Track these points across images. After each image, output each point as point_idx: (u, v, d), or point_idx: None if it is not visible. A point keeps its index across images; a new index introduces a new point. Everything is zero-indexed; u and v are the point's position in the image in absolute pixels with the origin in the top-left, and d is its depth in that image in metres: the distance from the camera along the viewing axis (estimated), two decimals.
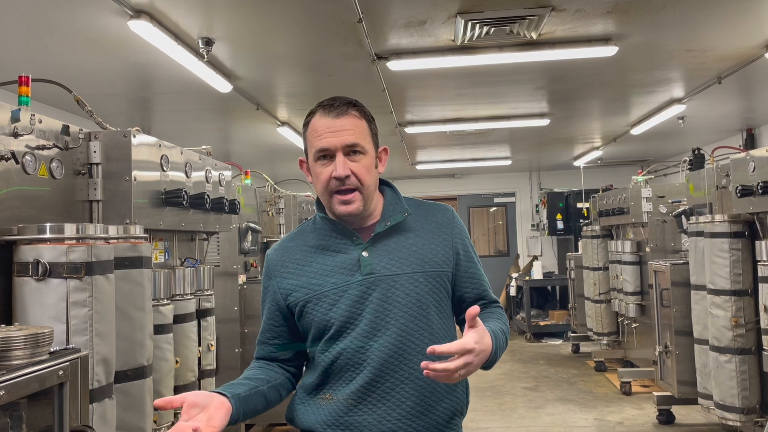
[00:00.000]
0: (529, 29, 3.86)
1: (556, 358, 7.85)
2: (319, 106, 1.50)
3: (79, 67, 4.35)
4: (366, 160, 1.47)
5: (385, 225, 1.51)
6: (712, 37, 4.23)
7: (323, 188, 1.48)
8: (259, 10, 3.53)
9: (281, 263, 1.55)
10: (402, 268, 1.47)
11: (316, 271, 1.50)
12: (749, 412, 3.74)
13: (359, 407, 1.44)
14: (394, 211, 1.54)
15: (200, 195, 2.74)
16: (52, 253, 1.79)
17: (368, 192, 1.48)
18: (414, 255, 1.50)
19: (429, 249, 1.51)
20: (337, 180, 1.44)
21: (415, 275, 1.47)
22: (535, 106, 6.17)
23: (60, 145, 2.10)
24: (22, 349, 1.51)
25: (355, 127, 1.47)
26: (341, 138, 1.44)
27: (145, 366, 2.09)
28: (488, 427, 5.08)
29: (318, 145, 1.46)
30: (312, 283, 1.49)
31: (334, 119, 1.46)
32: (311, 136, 1.48)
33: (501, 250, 11.34)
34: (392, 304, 1.45)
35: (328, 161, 1.46)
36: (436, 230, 1.55)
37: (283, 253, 1.56)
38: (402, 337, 1.44)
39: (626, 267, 5.97)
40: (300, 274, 1.51)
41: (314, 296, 1.47)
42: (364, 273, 1.46)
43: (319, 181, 1.48)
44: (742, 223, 3.78)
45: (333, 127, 1.45)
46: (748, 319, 3.74)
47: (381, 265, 1.47)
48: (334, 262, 1.49)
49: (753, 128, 7.58)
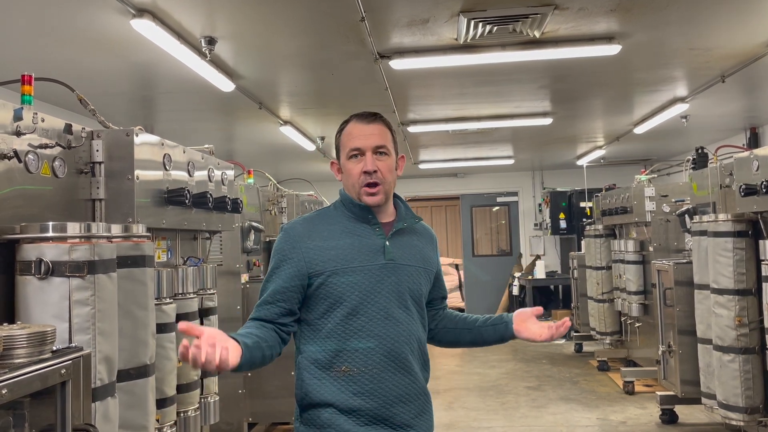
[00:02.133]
0: (532, 28, 3.85)
1: (558, 357, 7.84)
2: (353, 116, 1.81)
3: (82, 66, 4.35)
4: (389, 161, 1.77)
5: (403, 224, 1.80)
6: (716, 36, 4.22)
7: (354, 181, 1.74)
8: (262, 9, 3.53)
9: (308, 235, 1.73)
10: (412, 261, 1.77)
11: (345, 247, 1.71)
12: (753, 412, 3.73)
13: (381, 376, 1.67)
14: (408, 216, 1.84)
15: (203, 194, 2.74)
16: (54, 251, 1.78)
17: (389, 188, 1.77)
18: (419, 253, 1.81)
19: (427, 253, 1.84)
20: (366, 174, 1.72)
21: (419, 269, 1.79)
22: (538, 105, 6.15)
23: (63, 143, 2.10)
24: (24, 347, 1.51)
25: (382, 132, 1.78)
26: (371, 140, 1.75)
27: (147, 365, 2.09)
28: (491, 426, 5.07)
29: (352, 145, 1.75)
30: (340, 256, 1.70)
31: (366, 125, 1.77)
32: (345, 139, 1.78)
33: (504, 250, 11.33)
34: (402, 288, 1.73)
35: (359, 159, 1.74)
36: (429, 241, 1.89)
37: (310, 227, 1.76)
38: (406, 312, 1.74)
39: (629, 266, 5.96)
40: (328, 247, 1.71)
41: (342, 269, 1.69)
42: (387, 258, 1.72)
43: (351, 175, 1.75)
44: (746, 222, 3.77)
45: (365, 131, 1.76)
46: (751, 318, 3.73)
47: (398, 254, 1.75)
48: (361, 243, 1.73)
49: (756, 127, 7.56)
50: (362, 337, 1.68)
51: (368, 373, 1.67)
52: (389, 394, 1.68)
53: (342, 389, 1.66)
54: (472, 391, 6.27)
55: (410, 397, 1.71)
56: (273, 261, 1.76)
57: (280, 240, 1.77)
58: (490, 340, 1.90)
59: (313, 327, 1.72)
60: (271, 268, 1.76)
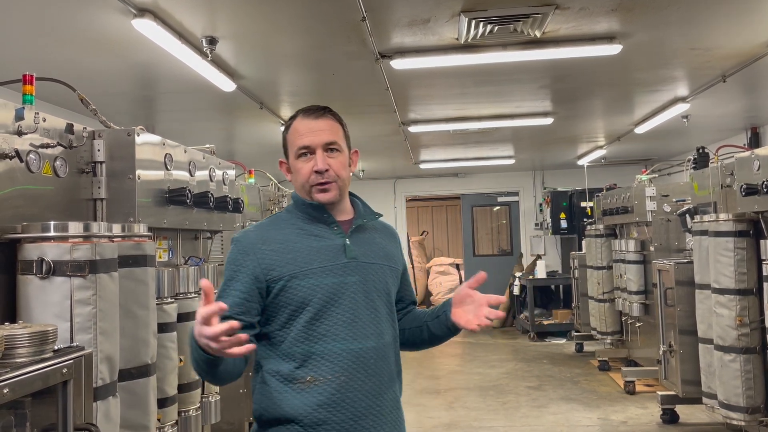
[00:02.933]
0: (533, 27, 3.85)
1: (559, 357, 7.83)
2: (299, 111, 1.70)
3: (83, 66, 4.36)
4: (342, 158, 1.67)
5: (362, 220, 1.71)
6: (717, 36, 4.21)
7: (304, 181, 1.64)
8: (263, 8, 3.53)
9: (262, 241, 1.62)
10: (375, 258, 1.68)
11: (302, 250, 1.61)
12: (754, 412, 3.73)
13: (349, 384, 1.55)
14: (367, 213, 1.75)
15: (204, 194, 2.74)
16: (56, 251, 1.79)
17: (343, 185, 1.67)
18: (382, 250, 1.71)
19: (390, 250, 1.75)
20: (317, 173, 1.62)
21: (384, 266, 1.69)
22: (539, 104, 6.15)
23: (64, 143, 2.11)
24: (26, 347, 1.51)
25: (331, 128, 1.67)
26: (320, 137, 1.64)
27: (149, 364, 2.09)
28: (492, 426, 5.07)
29: (300, 143, 1.64)
30: (299, 259, 1.59)
31: (313, 121, 1.66)
32: (293, 137, 1.67)
33: (504, 250, 11.33)
34: (369, 287, 1.63)
35: (308, 158, 1.64)
36: (391, 239, 1.80)
37: (263, 232, 1.66)
38: (374, 313, 1.63)
39: (630, 266, 5.95)
40: (285, 251, 1.60)
41: (302, 272, 1.58)
42: (349, 257, 1.62)
43: (300, 175, 1.65)
44: (747, 222, 3.76)
45: (313, 127, 1.65)
46: (752, 318, 3.73)
47: (360, 252, 1.65)
48: (320, 245, 1.63)
49: (757, 127, 7.55)
50: (328, 342, 1.55)
51: (335, 382, 1.54)
52: (359, 405, 1.55)
53: (306, 402, 1.53)
54: (472, 390, 6.27)
55: (382, 409, 1.58)
56: (226, 273, 1.63)
57: (233, 251, 1.64)
58: (440, 334, 1.75)
59: (274, 340, 1.59)
60: (224, 282, 1.62)
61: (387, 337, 1.65)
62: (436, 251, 14.20)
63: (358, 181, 11.06)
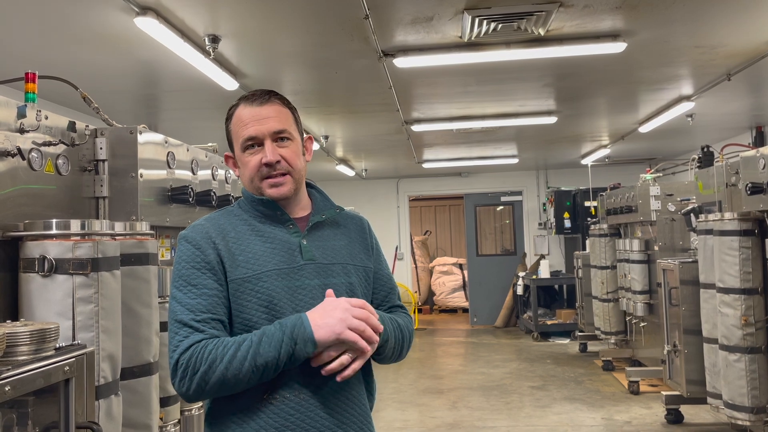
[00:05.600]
0: (537, 25, 3.84)
1: (563, 357, 7.81)
2: (241, 98, 1.51)
3: (86, 65, 4.36)
4: (294, 146, 1.50)
5: (321, 216, 1.53)
6: (722, 34, 4.19)
7: (252, 175, 1.48)
8: (265, 6, 3.52)
9: (216, 234, 1.45)
10: (336, 258, 1.50)
11: (255, 252, 1.43)
12: (759, 412, 3.71)
13: (312, 401, 1.38)
14: (326, 206, 1.57)
15: (206, 192, 2.74)
16: (58, 249, 1.78)
17: (298, 176, 1.51)
18: (345, 248, 1.53)
19: (355, 246, 1.56)
20: (267, 166, 1.46)
21: (347, 266, 1.51)
22: (543, 103, 6.13)
23: (66, 141, 2.10)
24: (27, 345, 1.51)
25: (279, 114, 1.49)
26: (268, 125, 1.46)
27: (151, 363, 2.08)
28: (495, 426, 5.06)
29: (245, 134, 1.46)
30: (250, 261, 1.42)
31: (258, 107, 1.48)
32: (237, 127, 1.49)
33: (508, 249, 11.31)
34: (336, 292, 1.44)
35: (256, 150, 1.47)
36: (359, 232, 1.60)
37: (216, 225, 1.47)
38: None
39: (634, 266, 5.93)
40: (236, 252, 1.43)
41: (253, 275, 1.40)
42: (305, 259, 1.45)
43: (248, 169, 1.48)
44: (752, 221, 3.74)
45: (258, 115, 1.47)
46: (757, 317, 3.71)
47: (318, 253, 1.48)
48: (273, 245, 1.45)
49: (762, 126, 7.52)
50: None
51: (293, 401, 1.36)
52: (321, 426, 1.37)
53: (263, 426, 1.35)
54: (476, 390, 6.26)
55: (348, 429, 1.41)
56: (182, 274, 1.41)
57: (184, 248, 1.44)
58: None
59: None
60: (179, 285, 1.40)
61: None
62: (439, 251, 14.19)
63: (361, 180, 11.05)
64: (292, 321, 1.34)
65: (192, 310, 1.37)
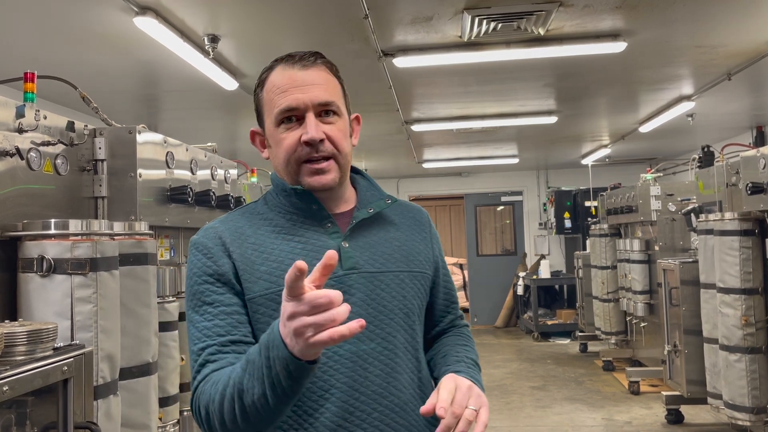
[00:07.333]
0: (537, 25, 3.83)
1: (563, 357, 7.81)
2: (279, 60, 1.21)
3: (85, 64, 4.36)
4: (342, 124, 1.19)
5: (368, 212, 1.20)
6: (722, 33, 4.19)
7: (288, 157, 1.15)
8: (265, 6, 3.52)
9: (231, 239, 1.15)
10: (387, 265, 1.18)
11: (282, 258, 1.13)
12: (759, 412, 3.70)
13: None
14: (374, 197, 1.25)
15: (206, 192, 2.73)
16: (56, 249, 1.78)
17: (345, 162, 1.19)
18: (398, 251, 1.21)
19: (412, 246, 1.24)
20: (308, 146, 1.13)
21: (401, 275, 1.19)
22: (543, 103, 6.13)
23: (65, 141, 2.10)
24: (25, 345, 1.50)
25: (327, 82, 1.19)
26: (311, 94, 1.15)
27: (150, 363, 2.08)
28: (495, 426, 5.06)
29: (282, 103, 1.15)
30: (276, 272, 1.11)
31: (300, 71, 1.17)
32: (271, 95, 1.17)
33: (508, 249, 11.30)
34: (378, 309, 1.14)
35: (294, 125, 1.15)
36: (416, 227, 1.28)
37: (233, 227, 1.17)
38: (388, 350, 1.14)
39: (635, 266, 5.93)
40: (258, 260, 1.13)
41: (279, 291, 1.03)
42: (346, 267, 1.14)
43: (283, 148, 1.15)
44: (753, 220, 3.74)
45: (300, 80, 1.16)
46: (758, 317, 3.70)
47: (363, 259, 1.16)
48: (305, 250, 1.14)
49: (763, 126, 7.51)
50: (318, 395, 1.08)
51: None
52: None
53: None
54: None
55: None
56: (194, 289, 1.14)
57: (192, 257, 1.16)
58: None
59: None
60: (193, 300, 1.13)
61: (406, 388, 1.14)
62: None
63: None
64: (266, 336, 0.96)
65: (208, 335, 1.09)
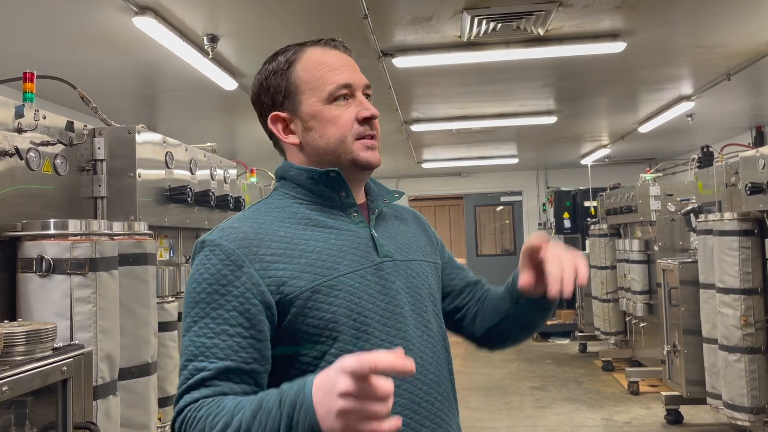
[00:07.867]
0: (536, 25, 3.83)
1: (563, 357, 7.81)
2: (315, 42, 1.19)
3: (84, 64, 4.35)
4: None
5: (383, 203, 1.21)
6: (722, 34, 4.19)
7: (345, 133, 1.11)
8: (264, 6, 3.52)
9: (257, 241, 1.05)
10: (411, 254, 1.18)
11: (319, 248, 1.07)
12: (758, 412, 3.70)
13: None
14: (382, 191, 1.25)
15: (205, 192, 2.73)
16: (55, 249, 1.78)
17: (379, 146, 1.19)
18: (413, 241, 1.21)
19: (420, 238, 1.25)
20: (366, 122, 1.12)
21: (423, 264, 1.19)
22: (543, 103, 6.13)
23: (64, 141, 2.09)
24: (25, 345, 1.50)
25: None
26: (360, 75, 1.15)
27: (149, 363, 2.08)
28: (495, 427, 5.05)
29: (338, 79, 1.12)
30: (318, 262, 1.05)
31: (343, 53, 1.18)
32: (319, 72, 1.13)
33: (508, 249, 11.31)
34: (415, 297, 1.13)
35: (347, 102, 1.13)
36: (418, 224, 1.30)
37: (255, 228, 1.08)
38: (430, 336, 1.13)
39: (634, 266, 5.93)
40: (294, 253, 1.05)
41: (326, 282, 1.03)
42: (383, 255, 1.11)
43: (338, 126, 1.11)
44: (752, 221, 3.74)
45: (348, 61, 1.16)
46: (757, 317, 3.70)
47: (392, 248, 1.14)
48: (338, 239, 1.09)
49: (762, 126, 7.52)
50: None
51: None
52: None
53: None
54: (475, 391, 6.25)
55: None
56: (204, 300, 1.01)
57: (211, 261, 1.03)
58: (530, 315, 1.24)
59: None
60: (200, 313, 1.01)
61: (444, 368, 1.17)
62: None
63: None
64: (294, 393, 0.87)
65: (207, 356, 0.98)
